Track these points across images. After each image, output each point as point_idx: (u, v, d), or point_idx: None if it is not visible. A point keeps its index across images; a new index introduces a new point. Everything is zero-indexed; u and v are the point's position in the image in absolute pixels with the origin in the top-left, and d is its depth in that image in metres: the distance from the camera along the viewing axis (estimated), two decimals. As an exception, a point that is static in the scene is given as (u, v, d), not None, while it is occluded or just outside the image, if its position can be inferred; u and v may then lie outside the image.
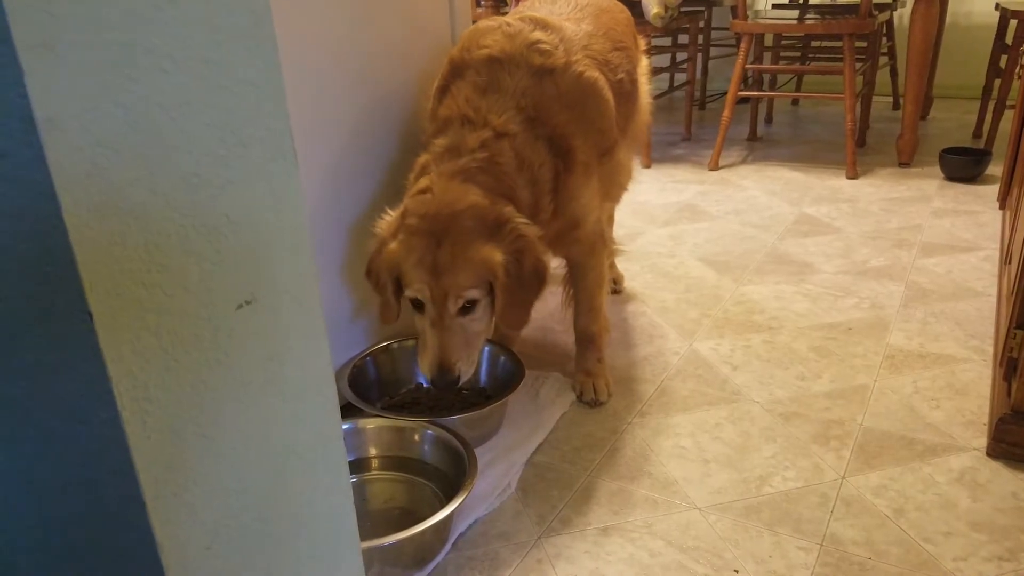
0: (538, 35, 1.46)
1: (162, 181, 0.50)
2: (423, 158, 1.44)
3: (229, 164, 0.54)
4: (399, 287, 1.40)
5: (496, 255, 1.33)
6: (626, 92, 1.64)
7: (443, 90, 1.49)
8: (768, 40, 3.97)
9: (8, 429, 0.56)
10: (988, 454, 1.42)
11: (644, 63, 1.90)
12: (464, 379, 1.39)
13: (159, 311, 0.51)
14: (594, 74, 1.49)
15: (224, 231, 0.55)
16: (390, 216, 1.42)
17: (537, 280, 1.37)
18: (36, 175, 0.44)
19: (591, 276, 1.66)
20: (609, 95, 1.53)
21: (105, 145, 0.46)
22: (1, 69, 0.42)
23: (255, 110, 0.55)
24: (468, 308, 1.36)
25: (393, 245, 1.36)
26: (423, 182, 1.38)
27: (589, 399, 1.64)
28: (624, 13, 1.83)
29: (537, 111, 1.42)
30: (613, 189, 1.69)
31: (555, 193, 1.45)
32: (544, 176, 1.42)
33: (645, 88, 1.89)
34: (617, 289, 2.17)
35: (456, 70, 1.48)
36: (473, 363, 1.41)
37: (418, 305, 1.38)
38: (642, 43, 1.93)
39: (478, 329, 1.40)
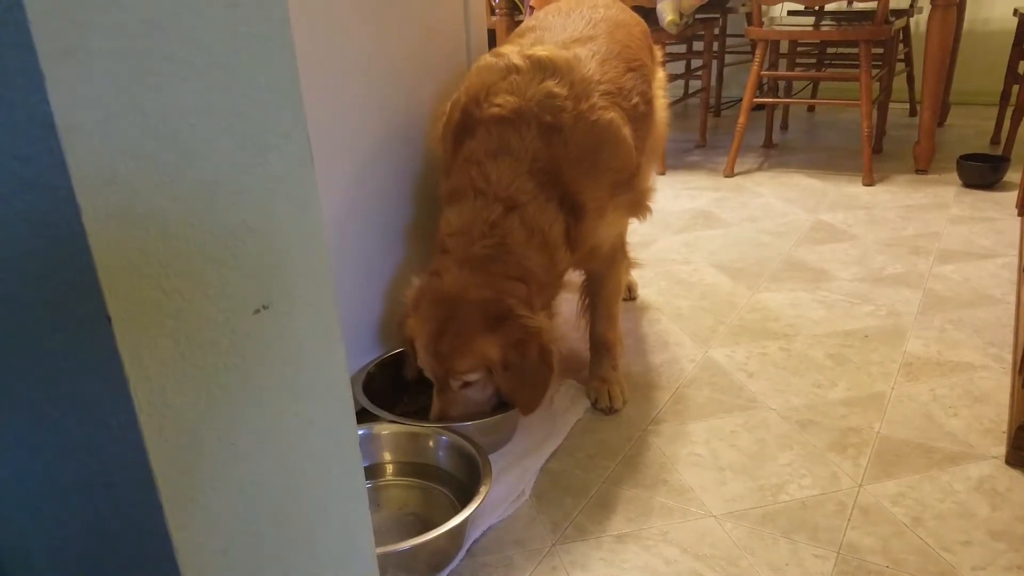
0: (547, 86, 1.43)
1: (181, 187, 0.51)
2: (441, 231, 1.47)
3: (248, 171, 0.55)
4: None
5: (492, 349, 1.39)
6: (641, 114, 1.62)
7: (456, 140, 1.50)
8: (784, 47, 3.96)
9: (27, 432, 0.56)
10: (1007, 462, 1.40)
11: (660, 75, 1.89)
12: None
13: (177, 316, 0.52)
14: (608, 116, 1.47)
15: (242, 237, 0.55)
16: (415, 285, 1.48)
17: (544, 367, 1.41)
18: (57, 181, 0.45)
19: (609, 285, 1.67)
20: (625, 132, 1.51)
21: (125, 151, 0.47)
22: (23, 76, 0.43)
23: (273, 117, 0.56)
24: (468, 384, 1.44)
25: (411, 322, 1.47)
26: (436, 264, 1.45)
27: (604, 406, 1.64)
28: (640, 26, 1.81)
29: (549, 173, 1.43)
30: (636, 211, 1.70)
31: (569, 241, 1.47)
32: (556, 233, 1.45)
33: (662, 101, 1.88)
34: (631, 296, 2.16)
35: (466, 124, 1.48)
36: (475, 415, 1.48)
37: None
38: (658, 55, 1.92)
39: (478, 399, 1.47)
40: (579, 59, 1.50)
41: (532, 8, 3.13)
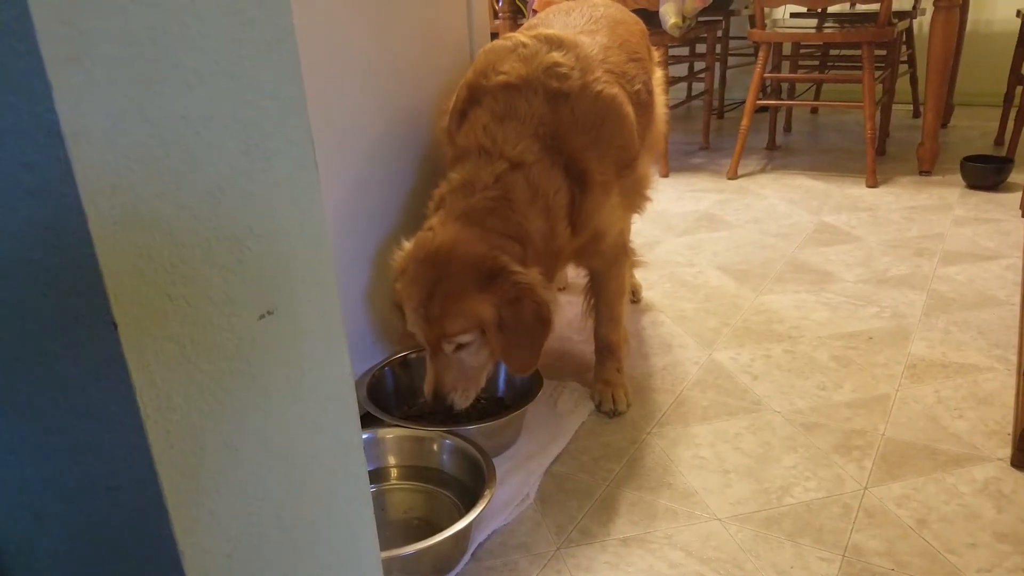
0: (554, 56, 1.45)
1: (187, 194, 0.51)
2: (440, 190, 1.46)
3: (252, 177, 0.55)
4: None
5: (485, 308, 1.35)
6: (644, 103, 1.64)
7: (462, 115, 1.50)
8: (786, 49, 3.96)
9: (32, 436, 0.57)
10: (1012, 464, 1.40)
11: (659, 74, 1.91)
12: (460, 407, 1.43)
13: (183, 321, 0.52)
14: (612, 91, 1.49)
15: (247, 243, 0.55)
16: (404, 249, 1.44)
17: (540, 324, 1.38)
18: (63, 188, 0.45)
19: (612, 286, 1.66)
20: (629, 109, 1.53)
21: (131, 158, 0.47)
22: (30, 83, 0.43)
23: (278, 123, 0.56)
24: (462, 346, 1.39)
25: (398, 285, 1.43)
26: (431, 221, 1.42)
27: (608, 409, 1.64)
28: (638, 25, 1.83)
29: (555, 138, 1.42)
30: (636, 200, 1.69)
31: (572, 215, 1.46)
32: (559, 202, 1.43)
33: (661, 99, 1.89)
34: (635, 299, 2.16)
35: (473, 96, 1.48)
36: (469, 395, 1.44)
37: None
38: (656, 55, 1.93)
39: (474, 364, 1.42)
40: (584, 41, 1.53)
41: (535, 11, 3.13)
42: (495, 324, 1.36)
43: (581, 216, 1.47)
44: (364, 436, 1.41)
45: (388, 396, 1.61)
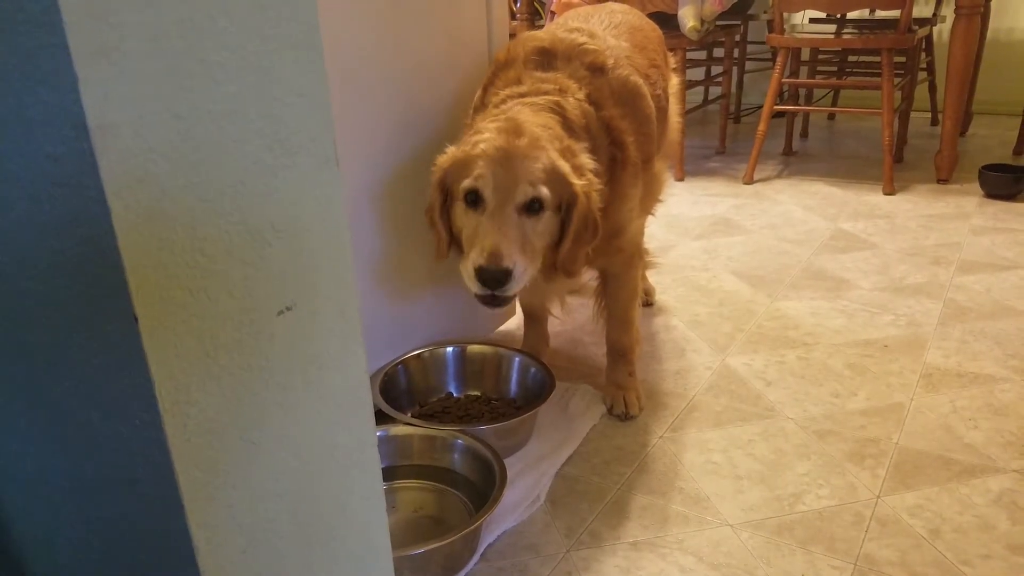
0: (583, 39, 1.49)
1: (210, 188, 0.51)
2: (480, 110, 1.45)
3: (276, 173, 0.55)
4: (449, 220, 1.35)
5: (576, 177, 1.26)
6: (662, 107, 1.65)
7: (488, 85, 1.51)
8: (805, 54, 3.94)
9: (53, 428, 0.57)
10: (1028, 477, 1.39)
11: (674, 81, 1.90)
12: (516, 284, 1.22)
13: (203, 315, 0.52)
14: (639, 79, 1.52)
15: (269, 238, 0.55)
16: (453, 148, 1.36)
17: (595, 225, 1.32)
18: (88, 180, 0.45)
19: (626, 288, 1.65)
20: (651, 103, 1.55)
21: (156, 151, 0.47)
22: (57, 76, 0.44)
23: (302, 120, 0.56)
24: (536, 206, 1.25)
25: (456, 152, 1.31)
26: (496, 112, 1.37)
27: (620, 412, 1.63)
28: (656, 32, 1.83)
29: (594, 98, 1.43)
30: (649, 201, 1.68)
31: (607, 184, 1.42)
32: (601, 157, 1.40)
33: (675, 107, 1.89)
34: (648, 302, 2.16)
35: (504, 65, 1.50)
36: (527, 270, 1.25)
37: (474, 201, 1.26)
38: (672, 62, 1.93)
39: (537, 237, 1.27)
40: (611, 37, 1.57)
41: (553, 13, 3.13)
42: (584, 195, 1.28)
43: (615, 191, 1.44)
44: (376, 434, 1.41)
45: (401, 394, 1.61)
